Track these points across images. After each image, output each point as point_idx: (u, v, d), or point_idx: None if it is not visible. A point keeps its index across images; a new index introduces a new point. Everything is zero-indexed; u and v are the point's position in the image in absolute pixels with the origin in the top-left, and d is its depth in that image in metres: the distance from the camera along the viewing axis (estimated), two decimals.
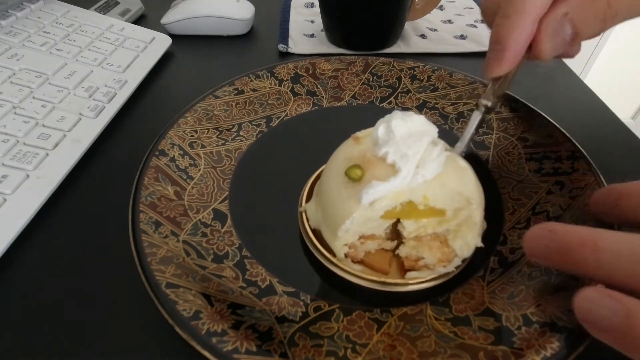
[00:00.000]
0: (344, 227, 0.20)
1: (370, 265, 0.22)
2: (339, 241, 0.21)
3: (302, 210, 0.25)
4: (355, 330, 0.20)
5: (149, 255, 0.20)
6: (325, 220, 0.22)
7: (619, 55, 1.36)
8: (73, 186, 0.28)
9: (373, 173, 0.20)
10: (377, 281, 0.22)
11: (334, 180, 0.21)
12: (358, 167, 0.20)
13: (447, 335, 0.19)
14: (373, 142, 0.22)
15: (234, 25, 0.46)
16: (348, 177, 0.20)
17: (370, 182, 0.19)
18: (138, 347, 0.20)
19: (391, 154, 0.20)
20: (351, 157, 0.21)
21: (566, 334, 0.18)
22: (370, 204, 0.20)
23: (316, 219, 0.23)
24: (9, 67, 0.33)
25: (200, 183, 0.27)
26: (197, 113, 0.30)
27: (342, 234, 0.21)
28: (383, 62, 0.37)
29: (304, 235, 0.24)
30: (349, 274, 0.22)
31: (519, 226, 0.25)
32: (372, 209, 0.20)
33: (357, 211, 0.20)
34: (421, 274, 0.22)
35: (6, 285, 0.22)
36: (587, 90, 0.40)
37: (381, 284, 0.22)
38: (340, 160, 0.22)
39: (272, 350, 0.18)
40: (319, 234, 0.23)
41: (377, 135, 0.21)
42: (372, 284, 0.22)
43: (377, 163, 0.20)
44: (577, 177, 0.25)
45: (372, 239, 0.22)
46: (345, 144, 0.24)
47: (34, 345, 0.20)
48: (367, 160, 0.21)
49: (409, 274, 0.22)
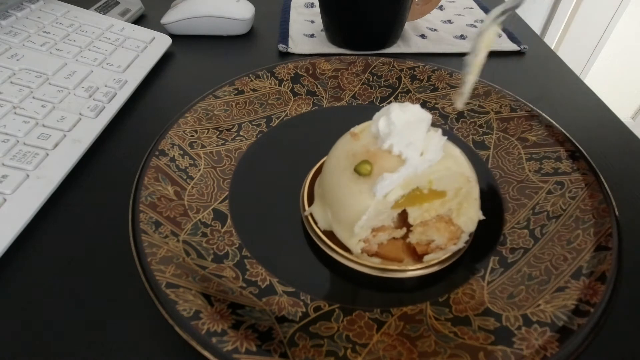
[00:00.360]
0: (360, 222, 0.20)
1: (385, 256, 0.23)
2: (356, 237, 0.21)
3: (307, 214, 0.25)
4: (355, 330, 0.20)
5: (149, 255, 0.20)
6: (337, 220, 0.22)
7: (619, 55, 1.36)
8: (73, 186, 0.28)
9: (381, 166, 0.20)
10: (399, 270, 0.22)
11: (340, 179, 0.22)
12: (367, 163, 0.21)
13: (447, 335, 0.19)
14: (373, 136, 0.22)
15: (234, 25, 0.46)
16: (358, 173, 0.20)
17: (381, 174, 0.20)
18: (138, 347, 0.20)
19: (396, 144, 0.21)
20: (355, 154, 0.22)
21: (566, 334, 0.18)
22: (385, 196, 0.20)
23: (326, 220, 0.23)
24: (9, 67, 0.33)
25: (200, 183, 0.27)
26: (197, 113, 0.30)
27: (358, 230, 0.21)
28: (383, 62, 0.37)
29: (316, 239, 0.24)
30: (370, 269, 0.22)
31: (519, 226, 0.25)
32: (385, 201, 0.20)
33: (373, 205, 0.20)
34: (436, 255, 0.22)
35: (6, 285, 0.22)
36: (587, 90, 0.40)
37: (403, 272, 0.22)
38: (342, 158, 0.22)
39: (272, 350, 0.18)
40: (329, 235, 0.23)
41: (378, 129, 0.21)
42: (395, 273, 0.22)
43: (382, 155, 0.21)
44: (577, 177, 0.25)
45: (383, 230, 0.22)
46: (343, 141, 0.24)
47: (33, 345, 0.20)
48: (372, 154, 0.21)
49: (425, 257, 0.22)
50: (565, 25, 1.31)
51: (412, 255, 0.23)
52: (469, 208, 0.22)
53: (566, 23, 1.30)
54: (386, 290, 0.22)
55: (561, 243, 0.22)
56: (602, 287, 0.19)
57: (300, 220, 0.25)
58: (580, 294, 0.19)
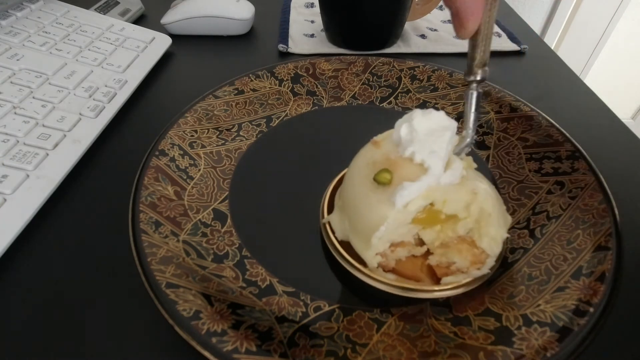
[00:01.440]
0: (377, 233, 0.19)
1: (403, 274, 0.22)
2: (372, 250, 0.20)
3: (325, 222, 0.24)
4: (355, 330, 0.20)
5: (149, 255, 0.20)
6: (355, 230, 0.21)
7: (619, 55, 1.36)
8: (73, 186, 0.28)
9: (401, 175, 0.20)
10: (413, 289, 0.21)
11: (359, 188, 0.21)
12: (387, 171, 0.20)
13: (447, 335, 0.19)
14: (395, 143, 0.21)
15: (234, 25, 0.46)
16: (378, 182, 0.20)
17: (401, 183, 0.19)
18: (138, 347, 0.20)
19: (418, 152, 0.20)
20: (375, 162, 0.21)
21: (566, 334, 0.18)
22: (404, 206, 0.19)
23: (343, 230, 0.22)
24: (9, 67, 0.33)
25: (200, 183, 0.27)
26: (197, 113, 0.30)
27: (375, 241, 0.20)
28: (383, 62, 0.37)
29: (331, 248, 0.23)
30: (384, 284, 0.21)
31: (519, 226, 0.25)
32: (405, 211, 0.19)
33: (392, 215, 0.19)
34: (456, 277, 0.21)
35: (6, 285, 0.22)
36: (587, 90, 0.40)
37: (418, 292, 0.21)
38: (363, 167, 0.21)
39: (272, 350, 0.18)
40: (345, 246, 0.22)
41: (399, 136, 0.21)
42: (408, 292, 0.21)
43: (403, 164, 0.20)
44: (577, 177, 0.25)
45: (402, 245, 0.21)
46: (365, 150, 0.23)
47: (33, 345, 0.20)
48: (392, 162, 0.20)
49: (444, 279, 0.21)
50: (565, 25, 1.30)
51: (431, 275, 0.22)
52: (487, 226, 0.20)
53: (566, 23, 1.30)
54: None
55: (561, 243, 0.22)
56: (602, 287, 0.19)
57: (301, 219, 0.25)
58: (580, 294, 0.19)
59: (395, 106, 0.35)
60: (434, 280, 0.22)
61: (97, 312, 0.21)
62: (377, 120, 0.34)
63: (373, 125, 0.25)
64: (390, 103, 0.35)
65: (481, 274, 0.21)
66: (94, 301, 0.22)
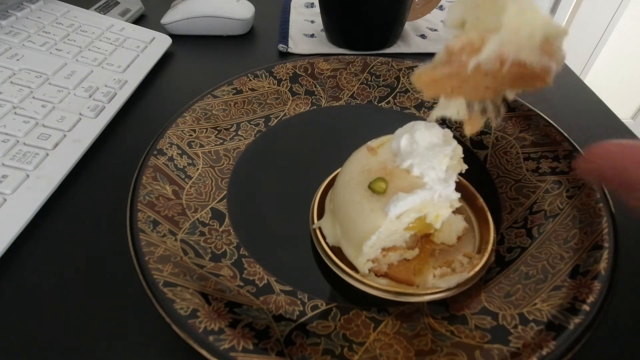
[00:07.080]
0: (369, 242, 0.19)
1: (395, 278, 0.22)
2: (364, 257, 0.20)
3: (315, 227, 0.24)
4: (352, 329, 0.20)
5: (147, 254, 0.20)
6: (347, 237, 0.21)
7: (619, 55, 1.36)
8: (73, 186, 0.28)
9: (397, 185, 0.20)
10: (405, 293, 0.21)
11: (353, 195, 0.20)
12: (382, 180, 0.20)
13: (444, 334, 0.19)
14: (392, 152, 0.21)
15: (234, 25, 0.46)
16: (373, 190, 0.20)
17: (396, 194, 0.19)
18: (136, 345, 0.20)
19: (417, 166, 0.20)
20: (370, 170, 0.21)
21: (562, 333, 0.18)
22: (397, 216, 0.19)
23: (334, 235, 0.22)
24: (9, 67, 0.33)
25: (199, 182, 0.27)
26: (196, 112, 0.31)
27: (367, 250, 0.20)
28: (381, 61, 0.37)
29: (322, 254, 0.23)
30: (375, 290, 0.21)
31: (517, 225, 0.25)
32: (398, 222, 0.19)
33: (384, 225, 0.19)
34: (447, 281, 0.21)
35: (6, 285, 0.22)
36: (587, 90, 0.40)
37: (410, 296, 0.21)
38: (357, 173, 0.21)
39: (269, 349, 0.18)
40: (336, 251, 0.22)
41: (399, 147, 0.21)
42: (400, 297, 0.21)
43: (399, 175, 0.20)
44: (574, 177, 0.25)
45: (394, 250, 0.21)
46: (358, 155, 0.23)
47: (33, 344, 0.20)
48: (388, 172, 0.20)
49: (436, 282, 0.21)
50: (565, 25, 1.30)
51: (423, 277, 0.22)
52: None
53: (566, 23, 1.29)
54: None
55: (558, 242, 0.22)
56: (598, 285, 0.19)
57: (299, 219, 0.25)
58: (577, 293, 0.19)
59: (394, 106, 0.35)
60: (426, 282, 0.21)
61: (96, 312, 0.21)
62: (376, 119, 0.34)
63: (371, 125, 0.25)
64: (389, 103, 0.35)
65: (468, 277, 0.21)
66: (93, 301, 0.22)
